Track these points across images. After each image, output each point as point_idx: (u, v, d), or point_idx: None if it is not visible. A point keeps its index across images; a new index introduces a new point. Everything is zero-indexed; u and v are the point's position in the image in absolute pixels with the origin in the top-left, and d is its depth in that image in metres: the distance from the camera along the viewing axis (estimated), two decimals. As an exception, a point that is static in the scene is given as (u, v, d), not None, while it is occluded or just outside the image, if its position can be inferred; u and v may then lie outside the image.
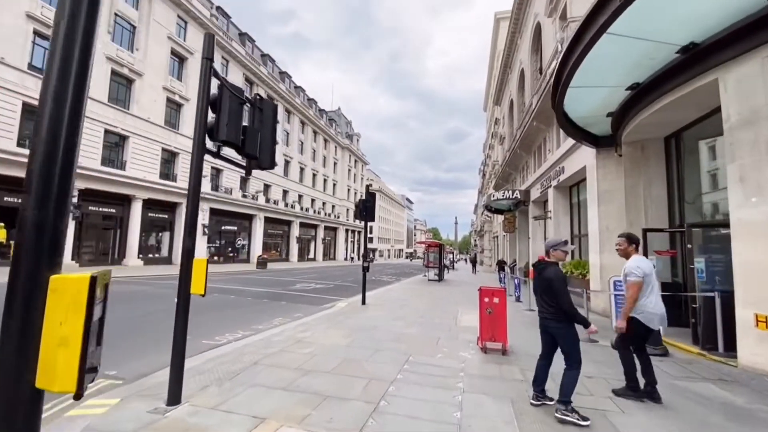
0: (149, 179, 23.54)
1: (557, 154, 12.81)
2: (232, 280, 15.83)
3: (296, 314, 8.21)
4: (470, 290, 14.93)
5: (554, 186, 13.55)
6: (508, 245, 26.04)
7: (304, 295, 11.68)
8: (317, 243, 49.33)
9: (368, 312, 8.46)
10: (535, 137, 16.39)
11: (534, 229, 17.60)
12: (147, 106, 23.83)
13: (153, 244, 25.77)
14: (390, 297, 11.59)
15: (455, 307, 9.84)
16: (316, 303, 10.07)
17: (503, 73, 26.62)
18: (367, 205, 9.68)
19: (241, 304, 9.40)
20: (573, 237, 13.28)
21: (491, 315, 5.33)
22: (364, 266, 9.59)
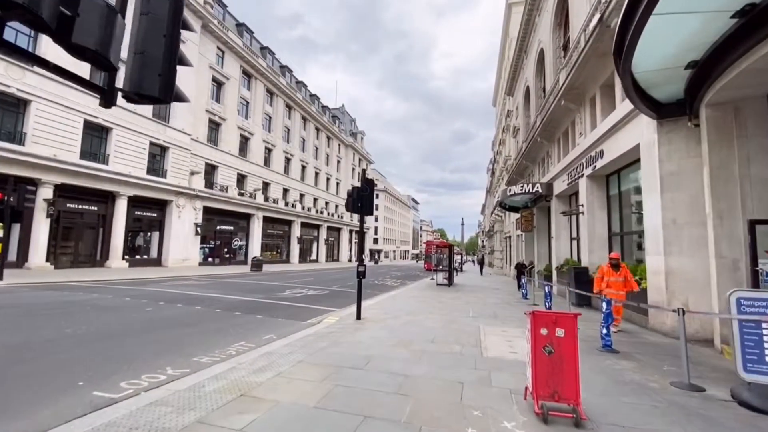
0: (135, 175, 21.84)
1: (593, 136, 10.70)
2: (214, 285, 13.94)
3: (267, 335, 6.23)
4: (486, 297, 12.84)
5: (588, 175, 11.43)
6: (523, 246, 23.86)
7: (289, 305, 9.71)
8: (319, 244, 47.49)
9: (363, 332, 6.44)
10: (560, 121, 14.26)
11: (558, 228, 15.44)
12: (133, 96, 22.07)
13: (141, 245, 24.07)
14: (393, 308, 9.56)
15: (474, 322, 7.79)
16: (300, 317, 8.08)
17: (517, 59, 24.49)
18: (363, 195, 7.68)
19: (202, 318, 7.44)
20: (611, 236, 11.15)
21: (552, 356, 3.29)
22: (359, 271, 7.59)
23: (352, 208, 7.50)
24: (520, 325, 7.69)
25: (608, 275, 7.43)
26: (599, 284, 7.52)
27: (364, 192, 7.69)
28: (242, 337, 5.97)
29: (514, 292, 15.60)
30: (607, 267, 7.53)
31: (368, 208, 7.93)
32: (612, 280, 7.35)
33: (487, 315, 8.87)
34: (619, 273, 7.35)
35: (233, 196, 30.32)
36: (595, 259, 11.18)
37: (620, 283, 7.30)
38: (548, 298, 9.59)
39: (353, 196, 7.55)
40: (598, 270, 7.92)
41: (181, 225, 25.41)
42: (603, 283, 7.44)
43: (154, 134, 23.36)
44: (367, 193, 7.70)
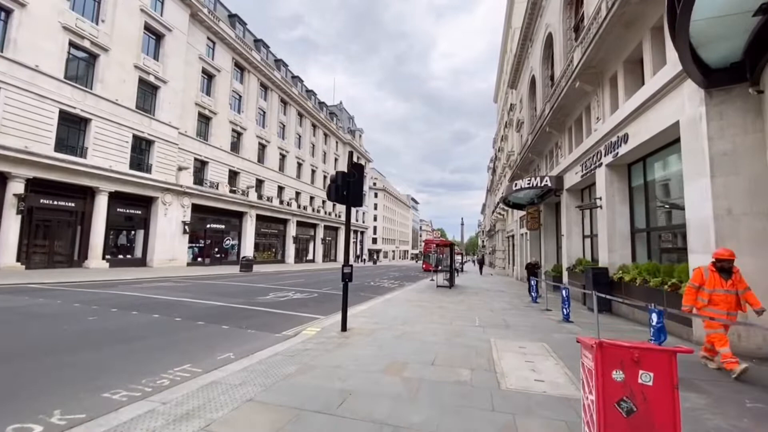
0: (117, 169, 20.55)
1: (614, 119, 9.42)
2: (193, 288, 12.65)
3: (224, 354, 4.95)
4: (491, 301, 11.56)
5: (607, 164, 10.15)
6: (528, 245, 22.57)
7: (267, 312, 8.42)
8: (316, 243, 46.19)
9: (345, 350, 5.16)
10: (573, 107, 12.99)
11: (569, 224, 14.16)
12: (114, 86, 20.84)
13: (124, 244, 22.75)
14: (387, 315, 8.27)
15: (483, 334, 6.51)
16: (274, 327, 6.79)
17: (521, 49, 23.21)
18: (349, 182, 6.39)
19: (152, 330, 6.15)
20: (634, 233, 9.87)
21: (633, 417, 2.00)
22: (344, 273, 6.30)
23: (335, 197, 6.21)
24: (538, 336, 6.41)
25: (712, 285, 4.65)
26: (692, 298, 4.81)
27: (350, 178, 6.40)
28: (190, 358, 4.68)
29: (521, 295, 14.32)
30: (711, 272, 4.71)
31: (356, 198, 6.64)
32: (720, 292, 4.59)
33: (497, 324, 7.58)
34: (730, 283, 4.58)
35: (224, 193, 29.03)
36: (616, 258, 9.91)
37: (733, 298, 4.56)
38: (566, 303, 8.30)
39: (337, 182, 6.26)
40: (693, 275, 5.05)
41: (168, 223, 24.10)
42: (698, 297, 4.77)
43: (138, 127, 22.05)
44: (354, 179, 6.41)
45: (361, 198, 6.76)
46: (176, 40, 24.76)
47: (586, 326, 7.63)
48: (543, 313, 9.55)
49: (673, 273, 7.28)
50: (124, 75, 21.42)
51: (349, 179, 6.43)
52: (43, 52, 17.60)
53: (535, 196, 18.32)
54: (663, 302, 7.12)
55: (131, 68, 21.77)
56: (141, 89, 22.60)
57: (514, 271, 28.14)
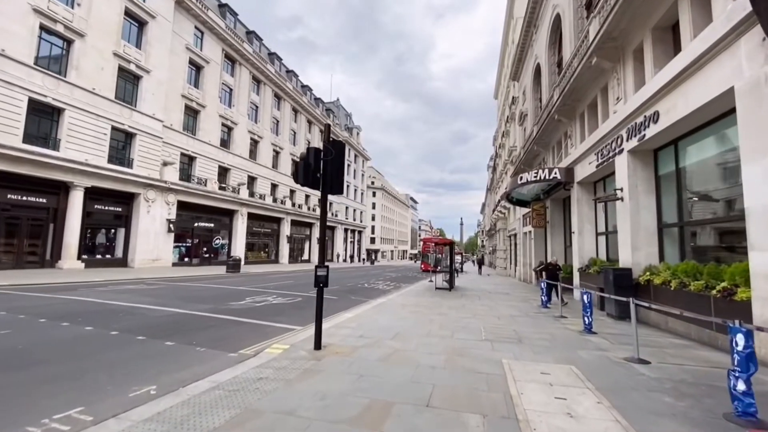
0: (94, 163, 19.18)
1: (639, 97, 8.14)
2: (162, 291, 11.33)
3: (143, 389, 3.65)
4: (497, 305, 10.26)
5: (630, 150, 8.86)
6: (532, 244, 21.29)
7: (233, 322, 7.10)
8: (312, 243, 44.86)
9: (311, 381, 3.86)
10: (586, 90, 11.71)
11: (581, 221, 12.88)
12: (91, 75, 19.49)
13: (103, 243, 21.39)
14: (376, 326, 6.95)
15: (493, 352, 5.21)
16: (232, 344, 5.47)
17: (525, 37, 21.95)
18: (326, 161, 5.09)
19: (70, 351, 4.83)
20: (662, 228, 8.59)
21: None
22: (318, 276, 4.99)
23: (303, 179, 4.90)
24: (562, 355, 5.12)
25: None
26: None
27: (327, 156, 5.10)
28: (90, 395, 3.37)
29: (528, 298, 13.04)
30: None
31: (335, 183, 5.34)
32: None
33: (507, 337, 6.28)
34: None
35: (213, 190, 27.67)
36: (640, 258, 8.63)
37: None
38: (587, 310, 6.99)
39: (307, 161, 4.95)
40: None
41: (151, 221, 22.74)
42: None
43: (117, 118, 20.69)
44: (331, 158, 5.10)
45: (341, 184, 5.46)
46: (160, 27, 23.41)
47: (615, 339, 6.33)
48: (557, 321, 8.26)
49: (721, 275, 6.00)
50: (102, 63, 20.07)
51: (325, 158, 5.12)
52: (11, 35, 16.26)
53: (541, 191, 17.07)
54: (709, 310, 5.86)
55: (110, 56, 20.42)
56: (121, 78, 21.25)
57: (516, 271, 26.86)
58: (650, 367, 4.69)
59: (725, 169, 6.68)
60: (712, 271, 6.25)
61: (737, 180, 5.78)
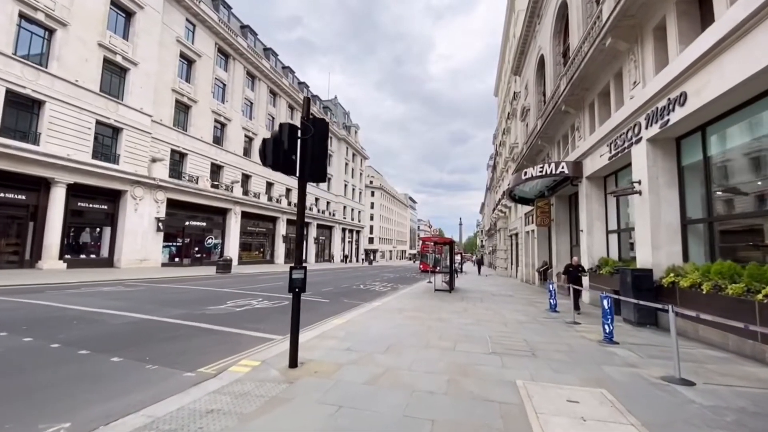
0: (77, 159, 18.27)
1: (662, 78, 7.30)
2: (134, 294, 10.45)
3: (54, 426, 2.79)
4: (501, 309, 9.40)
5: (650, 138, 8.02)
6: (535, 243, 20.47)
7: (203, 331, 6.23)
8: (309, 243, 43.95)
9: (273, 416, 3.02)
10: (598, 76, 10.86)
11: (590, 218, 12.05)
12: (74, 66, 18.58)
13: (87, 242, 20.47)
14: (367, 335, 6.08)
15: (503, 370, 4.36)
16: (193, 360, 4.60)
17: (528, 28, 21.13)
18: (303, 141, 4.23)
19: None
20: (686, 224, 7.75)
21: None
22: (292, 280, 4.12)
23: (272, 161, 4.00)
24: (586, 374, 4.27)
25: None
26: None
27: (306, 134, 4.23)
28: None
29: (533, 301, 12.21)
30: None
31: (315, 169, 4.48)
32: None
33: (518, 348, 5.43)
34: None
35: (205, 188, 26.76)
36: (661, 257, 7.79)
37: None
38: (608, 317, 6.13)
39: (279, 138, 4.08)
40: None
41: (139, 219, 21.84)
42: None
43: (103, 112, 19.77)
44: (311, 137, 4.24)
45: (323, 170, 4.60)
46: (149, 18, 22.50)
47: (642, 351, 5.49)
48: (571, 328, 7.40)
49: (766, 276, 5.17)
50: (86, 53, 19.16)
51: (303, 137, 4.26)
52: None
53: (545, 187, 16.24)
54: (753, 318, 5.02)
55: (94, 46, 19.51)
56: (107, 70, 20.34)
57: (518, 272, 26.03)
58: (697, 390, 3.84)
59: (763, 156, 5.86)
60: (754, 272, 5.40)
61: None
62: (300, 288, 4.13)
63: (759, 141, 6.01)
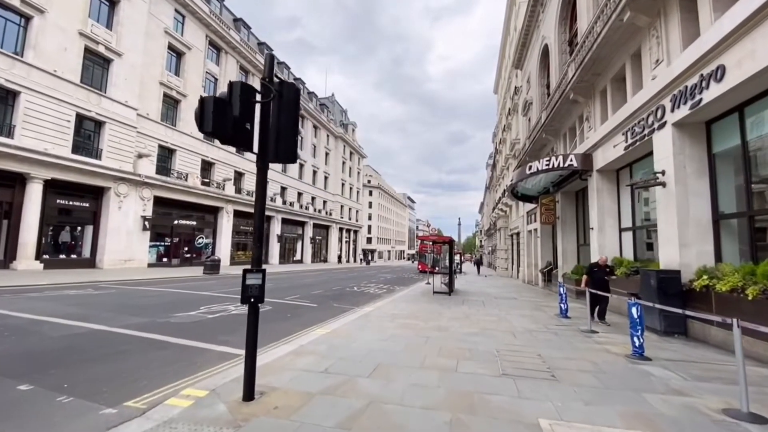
0: (55, 153, 17.26)
1: (695, 50, 6.35)
2: (99, 298, 9.46)
3: None
4: (507, 314, 8.43)
5: (676, 123, 7.09)
6: (538, 243, 19.55)
7: (159, 344, 5.27)
8: (305, 243, 42.99)
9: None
10: (611, 59, 9.93)
11: (602, 215, 11.13)
12: (52, 55, 17.57)
13: (67, 242, 19.44)
14: (352, 350, 5.12)
15: (522, 406, 3.39)
16: (123, 388, 3.62)
17: (530, 18, 20.24)
18: (264, 106, 3.28)
19: None
20: (718, 219, 6.82)
21: None
22: (246, 287, 3.16)
23: (213, 126, 2.97)
24: (624, 406, 3.32)
25: None
26: None
27: (265, 98, 3.28)
28: None
29: (540, 304, 11.29)
30: None
31: (282, 146, 3.54)
32: None
33: (535, 369, 4.48)
34: None
35: (195, 185, 25.74)
36: (690, 257, 6.86)
37: None
38: (637, 328, 5.17)
39: (229, 101, 3.12)
40: None
41: (123, 218, 20.81)
42: None
43: (83, 104, 18.75)
44: (273, 101, 3.29)
45: (293, 149, 3.67)
46: (134, 7, 21.49)
47: (682, 369, 4.55)
48: (589, 338, 6.46)
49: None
50: (66, 42, 18.14)
51: (264, 101, 3.31)
52: None
53: (550, 183, 15.32)
54: None
55: (75, 35, 18.49)
56: (88, 61, 19.32)
57: (519, 272, 25.10)
58: None
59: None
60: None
61: None
62: (256, 297, 3.17)
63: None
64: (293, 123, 3.71)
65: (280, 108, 3.62)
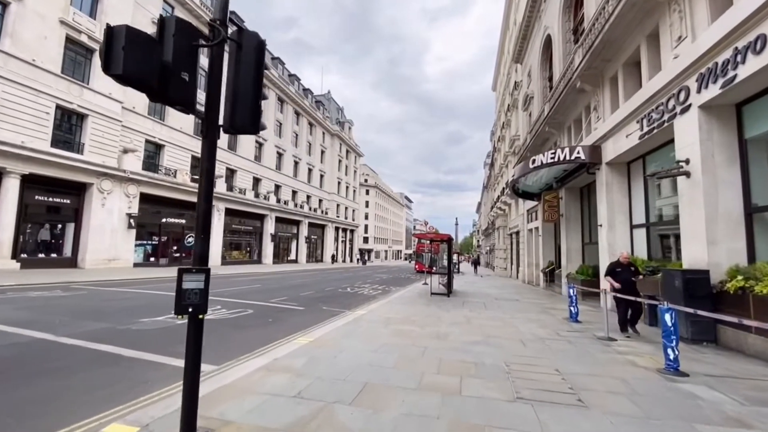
0: (33, 147, 16.33)
1: (734, 16, 5.60)
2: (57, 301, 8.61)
3: None
4: (511, 318, 7.65)
5: (703, 105, 6.34)
6: (540, 242, 18.82)
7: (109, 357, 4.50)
8: (299, 242, 42.10)
9: None
10: (623, 42, 9.18)
11: (611, 211, 10.39)
12: (31, 44, 16.64)
13: (47, 240, 18.50)
14: (333, 367, 4.32)
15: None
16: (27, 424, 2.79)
17: (531, 9, 19.53)
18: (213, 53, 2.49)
19: None
20: (749, 212, 6.07)
21: None
22: (182, 291, 2.36)
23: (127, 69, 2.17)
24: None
25: None
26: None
27: (214, 39, 2.48)
28: None
29: (545, 307, 10.54)
30: None
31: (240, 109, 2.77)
32: None
33: (556, 390, 3.70)
34: None
35: (184, 182, 24.82)
36: (720, 255, 6.11)
37: None
38: (671, 337, 4.41)
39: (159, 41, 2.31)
40: None
41: (107, 215, 19.90)
42: None
43: (64, 96, 17.83)
44: (215, 45, 2.50)
45: (255, 115, 2.90)
46: (118, -6, 20.58)
47: (730, 388, 3.78)
48: (609, 348, 5.69)
49: None
50: (46, 31, 17.22)
51: (208, 45, 2.52)
52: None
53: (553, 178, 14.59)
54: None
55: (55, 23, 17.57)
56: (70, 51, 18.40)
57: (519, 272, 24.38)
58: None
59: None
60: None
61: None
62: (196, 307, 2.37)
63: None
64: (255, 83, 2.93)
65: (239, 61, 2.85)
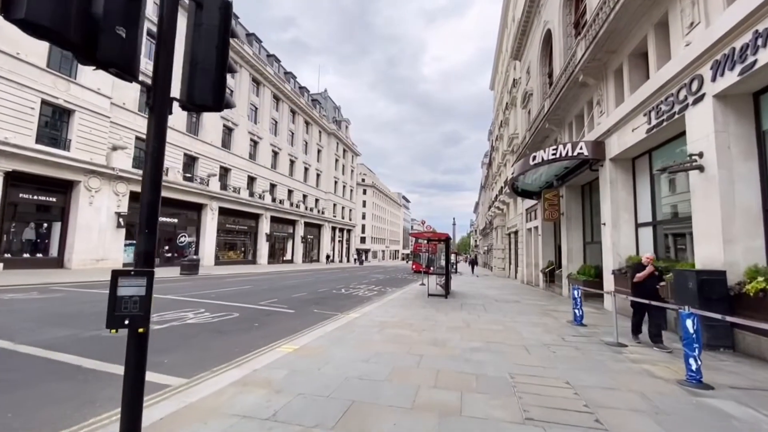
0: (16, 143, 15.75)
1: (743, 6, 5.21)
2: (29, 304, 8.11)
3: None
4: (512, 322, 7.21)
5: (718, 95, 5.93)
6: (539, 241, 18.43)
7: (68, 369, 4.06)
8: (295, 242, 41.56)
9: None
10: (629, 32, 8.77)
11: (616, 209, 9.98)
12: (14, 36, 16.00)
13: (32, 239, 17.91)
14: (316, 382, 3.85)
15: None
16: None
17: (530, 4, 19.12)
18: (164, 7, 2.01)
19: None
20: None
21: None
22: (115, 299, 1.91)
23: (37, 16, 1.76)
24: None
25: None
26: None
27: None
28: None
29: (546, 308, 10.12)
30: None
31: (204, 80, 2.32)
32: None
33: (569, 408, 3.26)
34: None
35: (176, 180, 24.24)
36: (737, 254, 5.70)
37: None
38: (694, 346, 3.97)
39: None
40: None
41: (95, 214, 19.32)
42: None
43: (50, 90, 17.25)
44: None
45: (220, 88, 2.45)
46: (108, -12, 19.97)
47: (762, 403, 3.36)
48: (619, 354, 5.27)
49: None
50: (29, 23, 16.61)
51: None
52: None
53: (553, 176, 14.18)
54: None
55: (39, 15, 16.96)
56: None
57: (518, 272, 23.99)
58: None
59: None
60: None
61: None
62: (135, 319, 1.90)
63: None
64: (219, 51, 2.47)
65: (199, 23, 2.39)
